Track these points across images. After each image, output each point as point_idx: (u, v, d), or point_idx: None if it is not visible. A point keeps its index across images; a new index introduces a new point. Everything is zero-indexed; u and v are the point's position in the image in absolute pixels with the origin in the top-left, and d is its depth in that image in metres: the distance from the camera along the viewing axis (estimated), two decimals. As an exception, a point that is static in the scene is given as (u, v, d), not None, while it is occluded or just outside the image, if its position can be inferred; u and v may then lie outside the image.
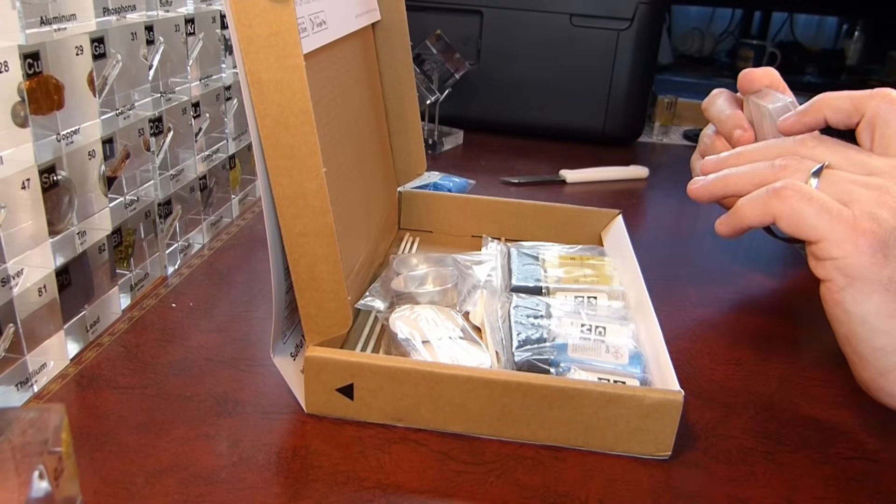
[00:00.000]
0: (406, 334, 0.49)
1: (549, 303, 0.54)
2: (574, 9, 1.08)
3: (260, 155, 0.40)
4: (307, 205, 0.40)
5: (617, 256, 0.64)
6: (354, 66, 0.58)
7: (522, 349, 0.49)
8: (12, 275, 0.43)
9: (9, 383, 0.43)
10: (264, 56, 0.38)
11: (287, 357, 0.46)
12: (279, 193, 0.40)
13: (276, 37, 0.38)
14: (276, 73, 0.38)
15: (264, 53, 0.38)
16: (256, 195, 0.82)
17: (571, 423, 0.43)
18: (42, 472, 0.26)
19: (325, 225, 0.41)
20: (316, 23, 0.47)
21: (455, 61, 1.00)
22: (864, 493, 0.42)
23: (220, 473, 0.40)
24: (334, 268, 0.42)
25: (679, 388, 0.43)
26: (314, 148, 0.40)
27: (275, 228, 0.41)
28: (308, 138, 0.39)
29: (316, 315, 0.43)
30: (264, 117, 0.39)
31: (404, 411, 0.44)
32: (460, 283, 0.57)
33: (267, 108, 0.39)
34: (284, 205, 0.40)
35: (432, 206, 0.73)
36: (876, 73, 2.20)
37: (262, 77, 0.38)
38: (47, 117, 0.46)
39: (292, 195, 0.40)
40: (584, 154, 1.08)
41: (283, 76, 0.38)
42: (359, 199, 0.57)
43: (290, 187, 0.40)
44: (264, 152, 0.39)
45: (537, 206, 0.72)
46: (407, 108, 0.69)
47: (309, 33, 0.45)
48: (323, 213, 0.41)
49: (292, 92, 0.39)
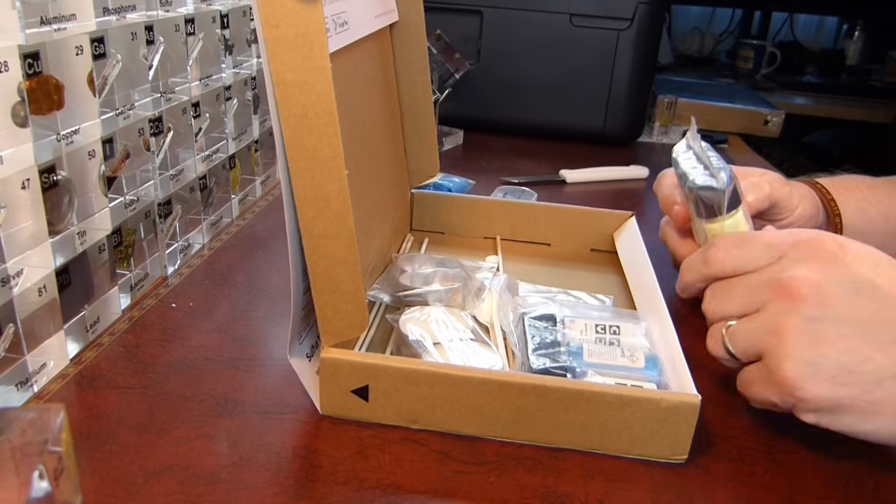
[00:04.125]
0: (417, 336, 0.49)
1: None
2: (574, 9, 1.08)
3: (282, 156, 0.39)
4: (328, 206, 0.40)
5: (630, 258, 0.64)
6: (372, 67, 0.58)
7: (538, 354, 0.49)
8: (12, 275, 0.43)
9: (9, 383, 0.43)
10: (290, 57, 0.38)
11: (303, 358, 0.46)
12: (300, 195, 0.40)
13: (302, 38, 0.37)
14: (302, 74, 0.38)
15: (290, 54, 0.38)
16: (256, 195, 0.82)
17: (587, 426, 0.43)
18: (42, 472, 0.26)
19: (345, 227, 0.41)
20: (338, 23, 0.47)
21: (455, 61, 1.00)
22: (865, 493, 0.42)
23: (220, 473, 0.40)
24: (353, 270, 0.42)
25: (695, 391, 0.43)
26: (337, 150, 0.39)
27: (294, 229, 0.41)
28: (331, 140, 0.39)
29: (333, 317, 0.43)
30: (288, 118, 0.39)
31: (419, 413, 0.44)
32: (466, 284, 0.57)
33: (291, 108, 0.38)
34: (305, 206, 0.40)
35: (445, 208, 0.73)
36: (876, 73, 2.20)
37: (286, 78, 0.38)
38: (47, 117, 0.46)
39: (313, 197, 0.40)
40: (584, 154, 1.08)
41: (308, 77, 0.38)
42: (374, 200, 0.57)
43: (312, 189, 0.40)
44: (286, 153, 0.39)
45: (549, 208, 0.72)
46: (422, 110, 0.68)
47: (332, 34, 0.45)
48: (343, 215, 0.41)
49: (317, 93, 0.38)
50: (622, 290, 0.64)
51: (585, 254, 0.72)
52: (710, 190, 0.52)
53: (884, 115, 1.97)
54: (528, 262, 0.69)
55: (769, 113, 1.36)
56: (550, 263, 0.69)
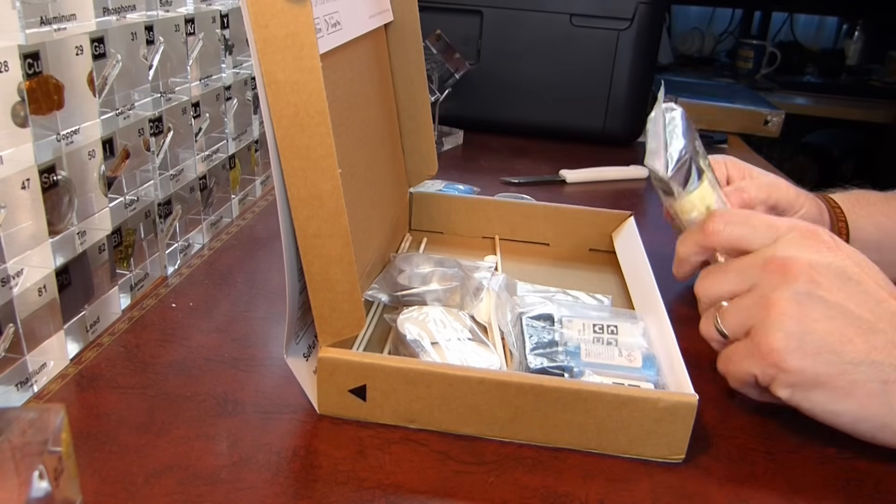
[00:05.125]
0: (415, 335, 0.49)
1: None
2: (574, 9, 1.08)
3: (275, 156, 0.39)
4: (322, 206, 0.40)
5: (628, 258, 0.64)
6: (367, 67, 0.58)
7: (536, 353, 0.49)
8: (12, 275, 0.43)
9: (9, 383, 0.43)
10: (280, 57, 0.38)
11: (300, 357, 0.46)
12: (294, 194, 0.40)
13: (292, 38, 0.38)
14: (293, 73, 0.38)
15: (281, 54, 0.38)
16: (256, 195, 0.82)
17: (584, 425, 0.43)
18: (42, 472, 0.26)
19: (340, 226, 0.41)
20: (331, 23, 0.47)
21: (455, 61, 1.00)
22: (864, 493, 0.42)
23: (220, 473, 0.40)
24: (348, 269, 0.42)
25: (693, 391, 0.43)
26: (329, 149, 0.39)
27: (289, 229, 0.41)
28: (323, 139, 0.39)
29: (329, 316, 0.43)
30: (280, 118, 0.39)
31: (417, 413, 0.44)
32: (464, 284, 0.57)
33: (282, 108, 0.39)
34: (299, 206, 0.40)
35: (443, 208, 0.73)
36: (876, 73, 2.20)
37: (278, 78, 0.38)
38: (47, 117, 0.46)
39: (307, 196, 0.40)
40: (584, 154, 1.08)
41: (299, 77, 0.38)
42: (371, 199, 0.57)
43: (305, 188, 0.40)
44: (279, 153, 0.39)
45: (548, 208, 0.72)
46: (419, 109, 0.68)
47: (324, 34, 0.45)
48: (338, 214, 0.41)
49: (308, 93, 0.38)
50: (620, 290, 0.64)
51: (584, 254, 0.72)
52: (655, 174, 0.52)
53: (884, 115, 1.97)
54: (527, 262, 0.69)
55: (769, 113, 1.36)
56: (549, 263, 0.69)
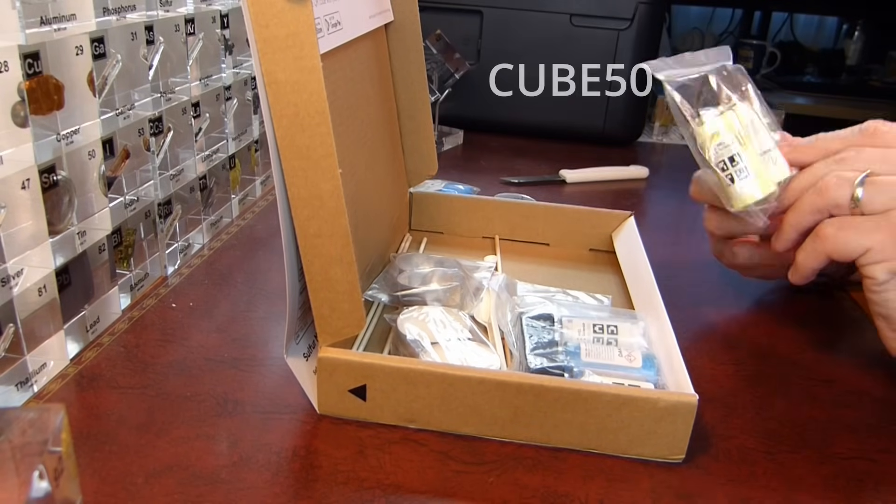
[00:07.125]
0: (415, 335, 0.49)
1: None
2: (574, 9, 1.08)
3: (275, 156, 0.40)
4: (322, 206, 0.40)
5: (629, 258, 0.64)
6: (367, 67, 0.58)
7: (536, 353, 0.49)
8: (12, 275, 0.43)
9: (9, 383, 0.43)
10: (281, 57, 0.38)
11: (300, 357, 0.46)
12: (294, 194, 0.40)
13: (293, 38, 0.38)
14: (293, 73, 0.38)
15: (281, 54, 0.38)
16: (256, 195, 0.82)
17: (584, 425, 0.43)
18: (42, 472, 0.26)
19: (340, 226, 0.41)
20: (331, 23, 0.47)
21: (455, 61, 1.00)
22: (864, 493, 0.42)
23: (220, 473, 0.40)
24: (349, 269, 0.42)
25: (693, 391, 0.43)
26: (330, 149, 0.39)
27: (289, 229, 0.41)
28: (324, 139, 0.39)
29: (329, 316, 0.43)
30: (280, 118, 0.39)
31: (417, 413, 0.44)
32: (464, 284, 0.57)
33: (283, 108, 0.39)
34: (299, 206, 0.40)
35: (443, 208, 0.73)
36: (876, 73, 2.20)
37: (278, 77, 0.38)
38: (47, 117, 0.46)
39: (307, 196, 0.40)
40: (584, 154, 1.08)
41: (299, 77, 0.38)
42: (371, 199, 0.57)
43: (306, 188, 0.40)
44: (280, 153, 0.39)
45: (548, 208, 0.72)
46: (419, 109, 0.68)
47: (324, 34, 0.45)
48: (338, 214, 0.41)
49: (308, 93, 0.38)
50: (620, 290, 0.64)
51: (584, 254, 0.72)
52: (684, 88, 0.51)
53: (884, 115, 1.95)
54: (527, 262, 0.69)
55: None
56: (549, 263, 0.69)
